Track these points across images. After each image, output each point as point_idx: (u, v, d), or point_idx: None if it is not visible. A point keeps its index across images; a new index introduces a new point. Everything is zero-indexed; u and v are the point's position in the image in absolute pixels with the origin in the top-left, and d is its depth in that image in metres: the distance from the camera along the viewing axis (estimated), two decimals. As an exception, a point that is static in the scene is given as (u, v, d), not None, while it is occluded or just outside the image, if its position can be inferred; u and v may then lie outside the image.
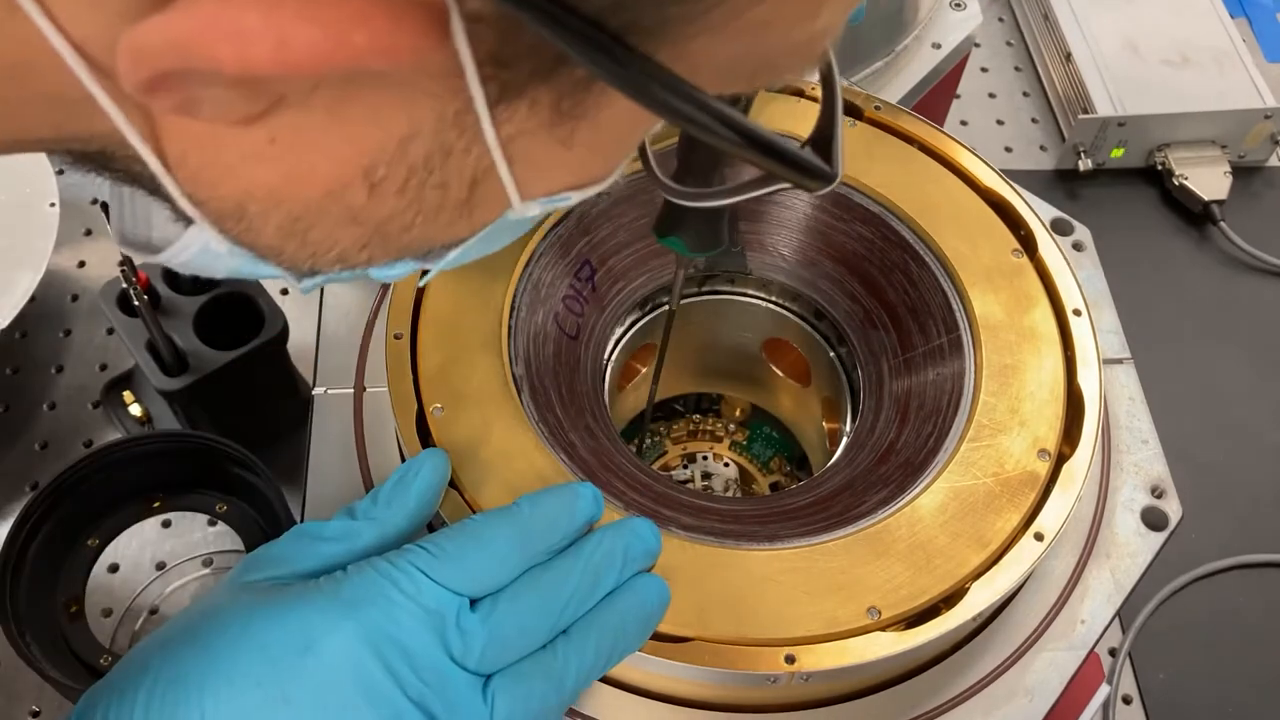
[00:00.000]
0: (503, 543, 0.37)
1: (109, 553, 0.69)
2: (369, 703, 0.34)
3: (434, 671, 0.35)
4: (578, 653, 0.37)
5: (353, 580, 0.36)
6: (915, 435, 0.49)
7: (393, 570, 0.36)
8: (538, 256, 0.52)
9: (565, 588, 0.37)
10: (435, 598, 0.36)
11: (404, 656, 0.35)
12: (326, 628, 0.35)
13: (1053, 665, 0.47)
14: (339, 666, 0.34)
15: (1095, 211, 0.93)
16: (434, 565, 0.36)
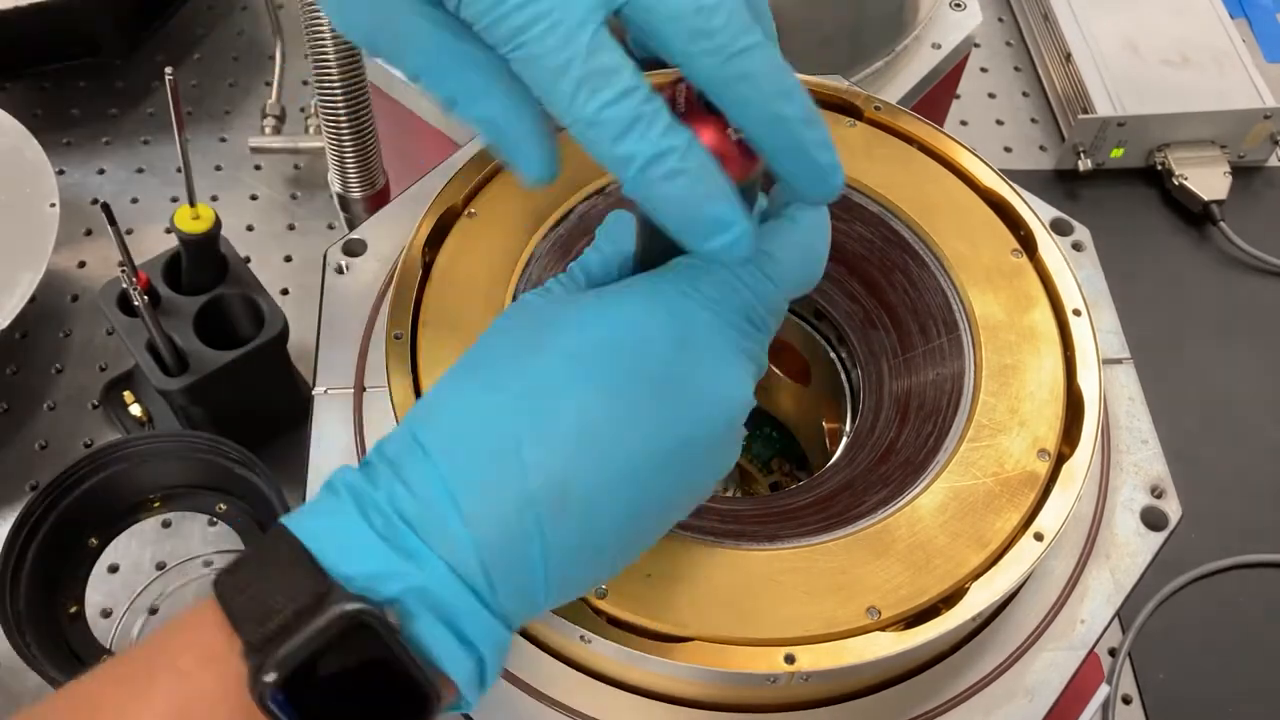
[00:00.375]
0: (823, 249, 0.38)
1: (109, 553, 0.69)
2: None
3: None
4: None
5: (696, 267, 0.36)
6: (915, 435, 0.49)
7: (741, 272, 0.36)
8: (538, 257, 0.52)
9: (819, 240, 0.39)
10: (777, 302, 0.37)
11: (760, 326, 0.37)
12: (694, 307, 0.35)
13: (1052, 665, 0.47)
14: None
15: (1095, 211, 0.93)
16: (776, 270, 0.37)
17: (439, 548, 0.32)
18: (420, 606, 0.32)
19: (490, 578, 0.33)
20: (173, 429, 0.74)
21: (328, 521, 0.33)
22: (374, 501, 0.33)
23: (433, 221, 0.52)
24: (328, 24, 0.61)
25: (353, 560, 0.32)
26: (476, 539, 0.32)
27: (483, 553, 0.32)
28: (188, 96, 0.97)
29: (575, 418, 0.33)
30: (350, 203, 0.72)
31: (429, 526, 0.33)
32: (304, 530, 0.33)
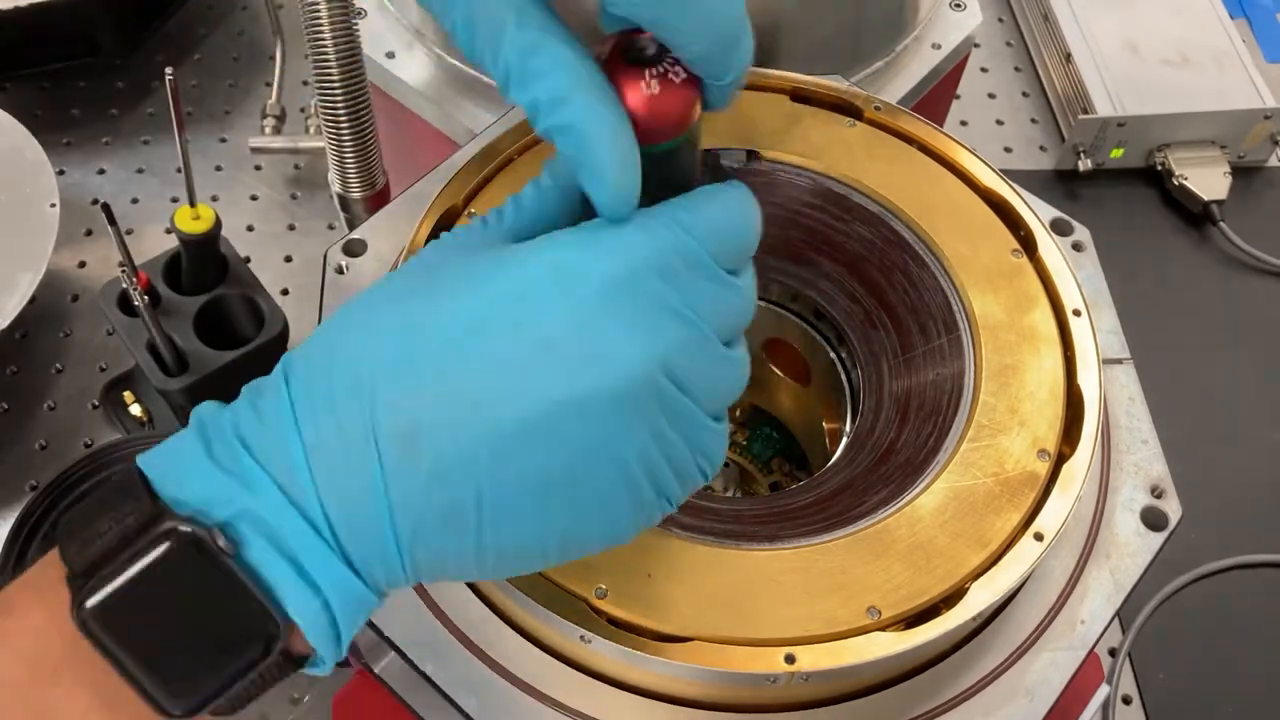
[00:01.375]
0: (751, 215, 0.36)
1: (109, 553, 0.69)
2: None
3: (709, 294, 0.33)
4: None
5: (605, 220, 0.34)
6: (915, 435, 0.49)
7: (645, 217, 0.33)
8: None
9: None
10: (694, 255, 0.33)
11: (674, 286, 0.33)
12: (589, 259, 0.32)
13: (1053, 665, 0.47)
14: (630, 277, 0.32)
15: (1095, 211, 0.93)
16: (693, 221, 0.34)
17: (275, 472, 0.31)
18: (254, 533, 0.31)
19: (328, 513, 0.31)
20: (173, 429, 0.74)
21: (168, 447, 0.33)
22: (218, 427, 0.32)
23: (433, 221, 0.52)
24: (328, 24, 0.61)
25: (186, 485, 0.31)
26: (314, 467, 0.31)
27: (320, 484, 0.31)
28: (188, 96, 0.97)
29: (435, 366, 0.31)
30: (350, 203, 0.72)
31: (268, 452, 0.31)
32: (146, 460, 0.32)
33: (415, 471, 0.31)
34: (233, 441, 0.32)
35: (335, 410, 0.31)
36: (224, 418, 0.32)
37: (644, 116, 0.34)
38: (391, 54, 0.79)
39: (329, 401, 0.31)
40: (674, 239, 0.33)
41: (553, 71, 0.33)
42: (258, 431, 0.32)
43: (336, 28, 0.62)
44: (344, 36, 0.62)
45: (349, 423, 0.31)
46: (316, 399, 0.32)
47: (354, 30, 0.63)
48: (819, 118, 0.57)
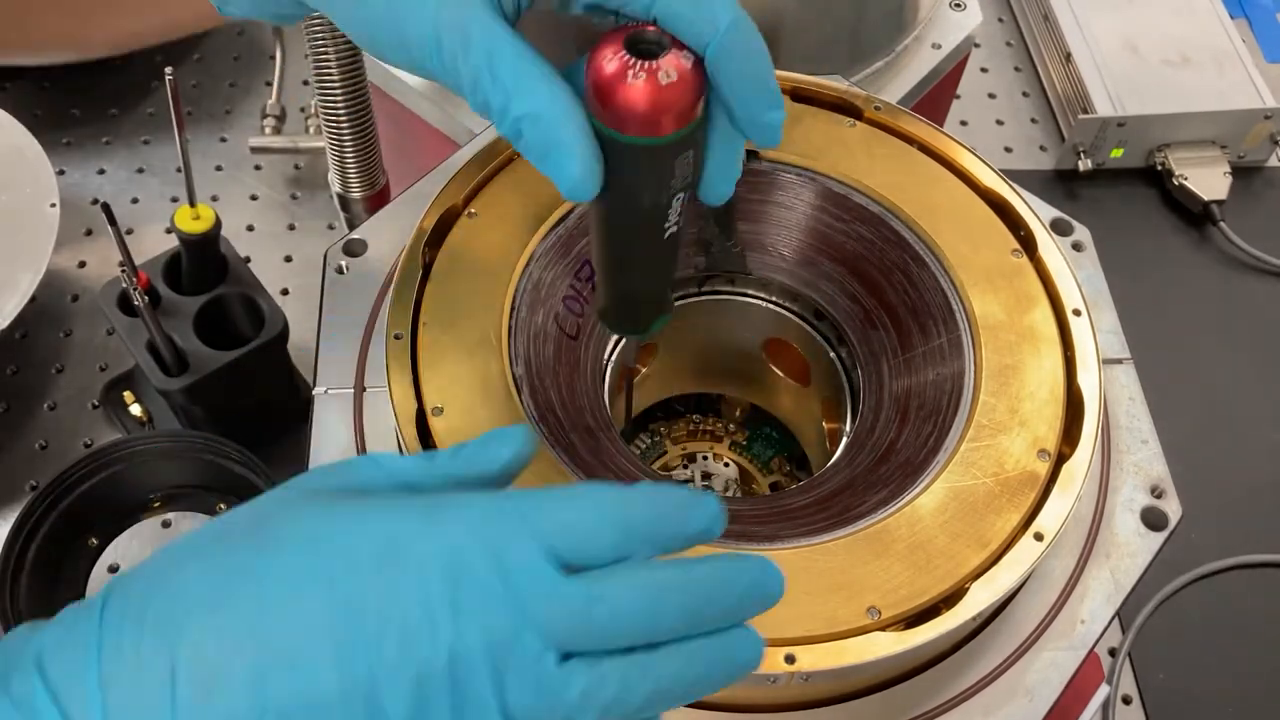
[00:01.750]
0: (607, 514, 0.32)
1: (109, 553, 0.69)
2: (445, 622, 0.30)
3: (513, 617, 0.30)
4: (655, 676, 0.31)
5: (450, 503, 0.32)
6: (915, 435, 0.49)
7: (491, 508, 0.31)
8: (538, 256, 0.52)
9: (668, 599, 0.31)
10: (529, 550, 0.31)
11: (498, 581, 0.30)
12: (416, 535, 0.31)
13: (1053, 665, 0.47)
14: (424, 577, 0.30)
15: (1095, 211, 0.93)
16: (534, 516, 0.31)
17: (68, 706, 0.30)
18: None
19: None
20: (173, 429, 0.74)
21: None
22: (21, 651, 0.31)
23: (433, 221, 0.52)
24: (328, 24, 0.61)
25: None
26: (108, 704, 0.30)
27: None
28: (188, 96, 0.97)
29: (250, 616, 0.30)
30: (350, 203, 0.72)
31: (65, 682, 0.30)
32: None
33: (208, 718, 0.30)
34: (30, 671, 0.30)
35: (139, 646, 0.30)
36: (30, 642, 0.31)
37: (644, 101, 0.35)
38: (391, 54, 0.79)
39: (135, 636, 0.30)
40: (510, 527, 0.31)
41: (514, 72, 0.36)
42: (57, 662, 0.30)
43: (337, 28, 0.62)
44: (344, 37, 0.62)
45: (149, 660, 0.30)
46: (124, 632, 0.30)
47: (354, 30, 0.63)
48: (819, 118, 0.57)
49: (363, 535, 0.31)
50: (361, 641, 0.30)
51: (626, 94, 0.35)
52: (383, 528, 0.31)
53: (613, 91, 0.35)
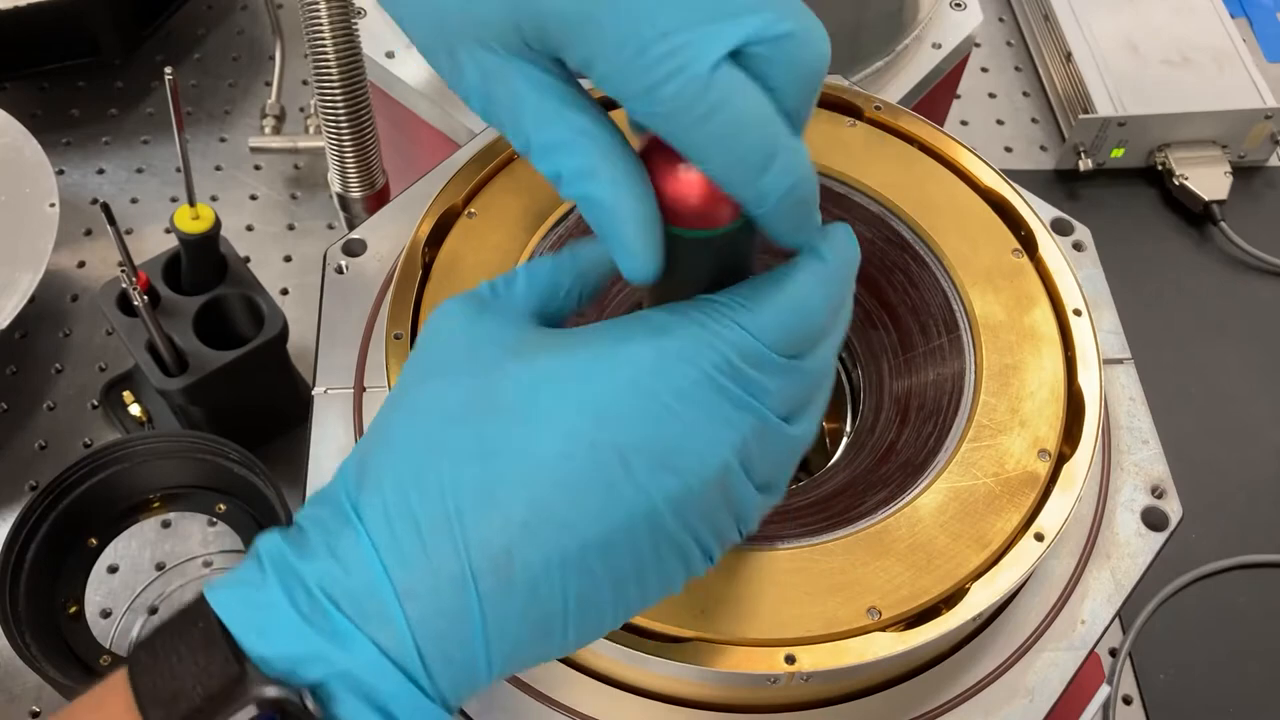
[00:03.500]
0: (818, 301, 0.35)
1: (109, 553, 0.69)
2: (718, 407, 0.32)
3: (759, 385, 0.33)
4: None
5: (663, 322, 0.33)
6: (915, 435, 0.49)
7: (705, 317, 0.33)
8: (538, 256, 0.52)
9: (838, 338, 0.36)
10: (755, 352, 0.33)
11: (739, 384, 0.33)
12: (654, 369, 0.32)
13: (1053, 665, 0.47)
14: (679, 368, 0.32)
15: (1095, 211, 0.93)
16: (752, 319, 0.33)
17: (370, 628, 0.30)
18: (346, 691, 0.30)
19: (425, 659, 0.31)
20: (173, 429, 0.74)
21: (248, 595, 0.31)
22: (300, 577, 0.31)
23: (433, 221, 0.52)
24: (328, 24, 0.61)
25: (272, 641, 0.30)
26: (411, 618, 0.30)
27: (418, 633, 0.31)
28: (188, 96, 0.97)
29: (524, 491, 0.31)
30: (350, 203, 0.72)
31: (359, 606, 0.31)
32: (222, 604, 0.31)
33: (512, 598, 0.31)
34: (318, 595, 0.31)
35: (427, 552, 0.31)
36: (306, 566, 0.31)
37: (692, 203, 0.34)
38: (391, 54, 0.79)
39: (418, 543, 0.31)
40: (736, 339, 0.33)
41: (575, 142, 0.33)
42: (345, 584, 0.31)
43: (336, 28, 0.62)
44: (344, 36, 0.62)
45: (443, 563, 0.31)
46: (403, 541, 0.31)
47: (354, 30, 0.63)
48: (819, 118, 0.57)
49: (608, 385, 0.32)
50: (641, 486, 0.31)
51: (680, 191, 0.34)
52: (622, 373, 0.32)
53: (667, 189, 0.34)
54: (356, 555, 0.31)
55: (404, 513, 0.31)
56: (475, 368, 0.33)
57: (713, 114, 0.31)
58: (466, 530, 0.31)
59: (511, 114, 0.34)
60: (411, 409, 0.33)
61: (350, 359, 0.53)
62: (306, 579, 0.31)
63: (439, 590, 0.30)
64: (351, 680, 0.30)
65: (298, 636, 0.30)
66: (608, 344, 0.33)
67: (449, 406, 0.33)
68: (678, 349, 0.33)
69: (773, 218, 0.33)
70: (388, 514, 0.31)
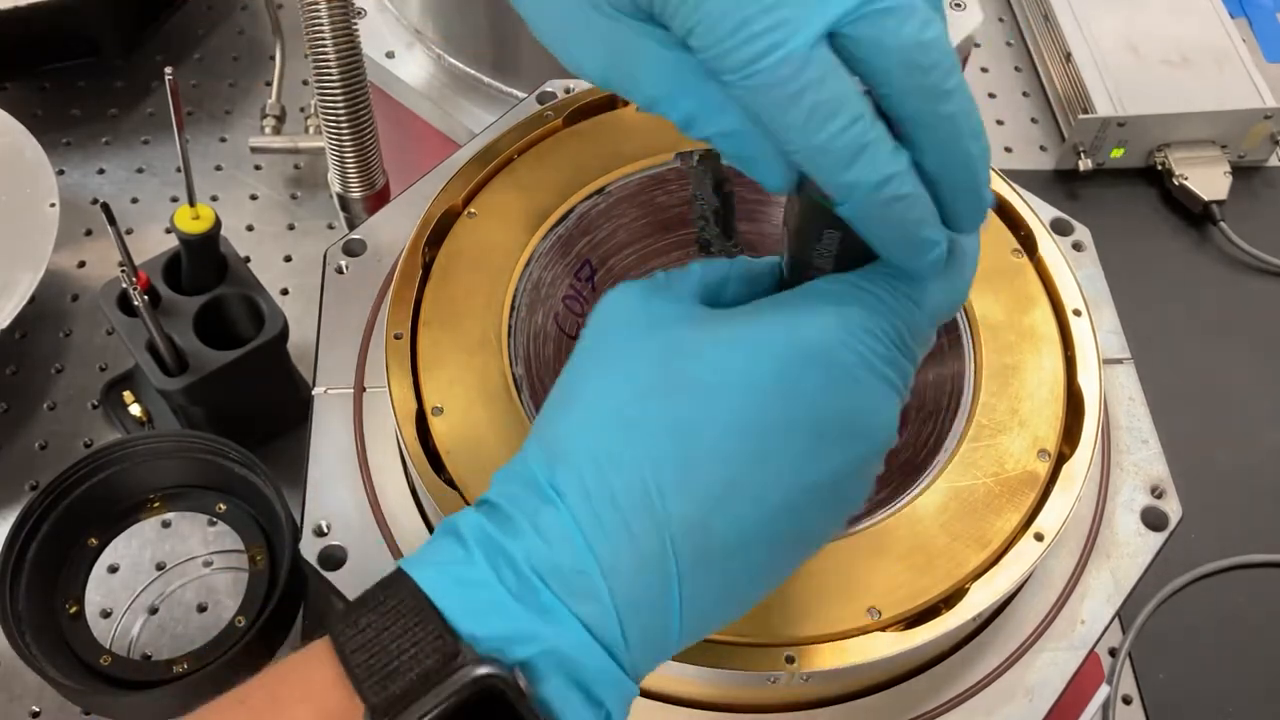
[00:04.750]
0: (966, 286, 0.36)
1: (109, 553, 0.69)
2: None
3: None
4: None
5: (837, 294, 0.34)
6: (915, 435, 0.49)
7: (881, 289, 0.34)
8: (538, 256, 0.52)
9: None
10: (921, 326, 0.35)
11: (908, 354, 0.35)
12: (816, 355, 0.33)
13: (1053, 665, 0.47)
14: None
15: (1095, 211, 0.93)
16: (922, 294, 0.35)
17: (576, 605, 0.31)
18: (551, 669, 0.31)
19: (627, 634, 0.31)
20: (173, 429, 0.74)
21: (456, 573, 0.32)
22: (508, 555, 0.32)
23: (433, 221, 0.52)
24: (328, 24, 0.61)
25: (484, 620, 0.31)
26: (616, 594, 0.31)
27: (621, 609, 0.31)
28: (188, 96, 0.97)
29: (720, 464, 0.32)
30: (350, 203, 0.72)
31: (566, 582, 0.31)
32: (429, 582, 0.32)
33: (709, 571, 0.32)
34: (527, 573, 0.31)
35: (629, 528, 0.31)
36: (513, 544, 0.32)
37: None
38: (391, 54, 0.79)
39: (620, 519, 0.31)
40: (909, 315, 0.35)
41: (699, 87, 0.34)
42: (550, 560, 0.31)
43: (336, 28, 0.62)
44: (344, 36, 0.62)
45: (645, 539, 0.31)
46: (604, 517, 0.32)
47: (354, 30, 0.63)
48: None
49: (792, 351, 0.33)
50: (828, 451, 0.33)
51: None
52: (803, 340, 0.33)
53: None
54: (560, 532, 0.32)
55: (603, 489, 0.32)
56: (659, 341, 0.34)
57: (804, 93, 0.31)
58: (667, 506, 0.31)
59: (632, 74, 0.35)
60: (599, 384, 0.34)
61: (350, 359, 0.53)
62: (515, 556, 0.31)
63: (643, 566, 0.31)
64: (558, 658, 0.31)
65: (509, 614, 0.31)
66: (789, 313, 0.34)
67: (637, 380, 0.33)
68: (861, 320, 0.34)
69: (861, 217, 0.33)
70: (587, 491, 0.32)
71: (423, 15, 0.78)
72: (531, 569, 0.31)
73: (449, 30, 0.77)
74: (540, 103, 0.58)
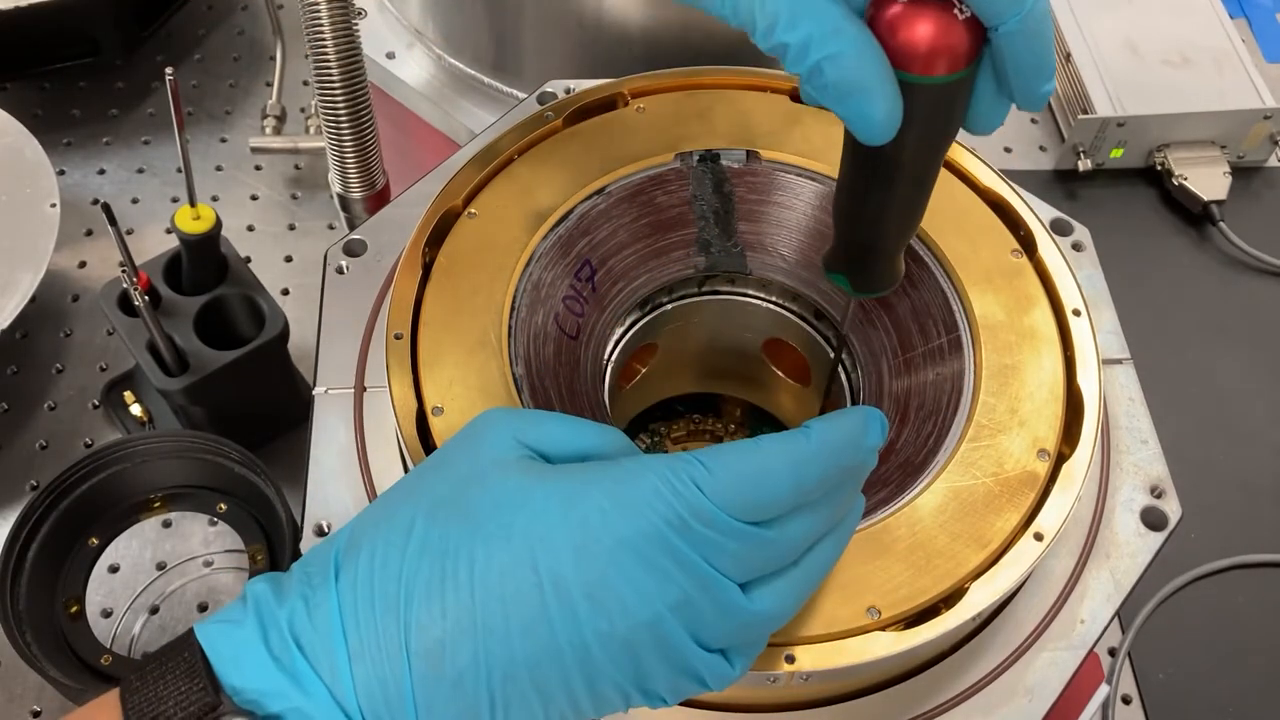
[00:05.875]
0: (782, 475, 0.36)
1: (109, 553, 0.69)
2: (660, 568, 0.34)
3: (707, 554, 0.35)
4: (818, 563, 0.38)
5: (628, 471, 0.35)
6: (915, 435, 0.49)
7: (667, 470, 0.35)
8: (538, 256, 0.52)
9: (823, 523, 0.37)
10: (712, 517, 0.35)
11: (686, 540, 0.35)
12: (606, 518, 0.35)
13: (1052, 665, 0.47)
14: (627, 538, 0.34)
15: (1095, 211, 0.93)
16: (709, 481, 0.35)
17: (324, 676, 0.34)
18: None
19: (364, 712, 0.34)
20: (173, 429, 0.74)
21: (229, 631, 0.35)
22: (274, 619, 0.35)
23: (433, 221, 0.52)
24: (328, 24, 0.61)
25: (244, 673, 0.34)
26: (356, 677, 0.34)
27: (360, 691, 0.34)
28: (188, 97, 0.97)
29: (465, 595, 0.34)
30: (350, 203, 0.72)
31: (318, 654, 0.34)
32: (207, 637, 0.35)
33: (440, 682, 0.34)
34: (288, 639, 0.35)
35: (375, 624, 0.34)
36: (281, 610, 0.35)
37: (929, 45, 0.35)
38: (391, 54, 0.79)
39: (370, 615, 0.35)
40: (690, 496, 0.35)
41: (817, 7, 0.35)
42: (310, 633, 0.35)
43: (336, 28, 0.62)
44: (344, 36, 0.62)
45: (386, 637, 0.34)
46: (360, 611, 0.35)
47: (354, 30, 0.63)
48: (819, 118, 0.57)
49: (560, 520, 0.35)
50: (570, 617, 0.34)
51: (921, 33, 0.35)
52: (576, 512, 0.35)
53: (908, 31, 0.35)
54: (324, 611, 0.35)
55: (368, 586, 0.35)
56: (469, 470, 0.37)
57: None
58: (410, 615, 0.34)
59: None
60: (409, 489, 0.38)
61: (350, 359, 0.53)
62: (280, 620, 0.35)
63: (380, 660, 0.34)
64: (303, 717, 0.34)
65: (266, 672, 0.34)
66: (575, 484, 0.36)
67: (434, 498, 0.37)
68: (631, 497, 0.35)
69: (1015, 41, 0.35)
70: (355, 584, 0.35)
71: (423, 15, 0.78)
72: (292, 636, 0.35)
73: (449, 30, 0.77)
74: (540, 103, 0.58)
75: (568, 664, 0.34)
